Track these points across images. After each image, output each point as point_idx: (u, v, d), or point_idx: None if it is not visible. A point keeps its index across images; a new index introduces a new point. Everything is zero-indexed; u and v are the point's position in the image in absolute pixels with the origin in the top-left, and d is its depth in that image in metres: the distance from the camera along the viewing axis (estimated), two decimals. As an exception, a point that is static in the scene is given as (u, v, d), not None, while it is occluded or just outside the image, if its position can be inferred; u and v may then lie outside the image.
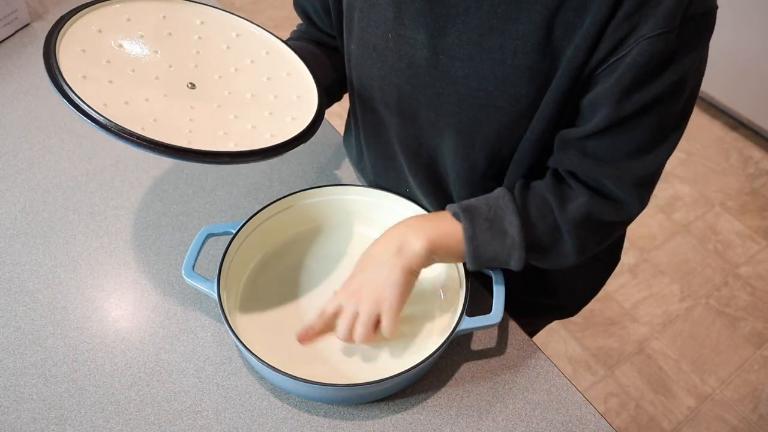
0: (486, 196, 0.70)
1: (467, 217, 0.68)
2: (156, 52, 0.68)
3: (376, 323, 0.67)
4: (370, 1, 0.68)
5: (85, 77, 0.61)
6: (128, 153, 0.95)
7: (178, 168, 0.93)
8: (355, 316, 0.67)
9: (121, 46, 0.66)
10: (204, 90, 0.68)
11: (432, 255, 0.68)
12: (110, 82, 0.63)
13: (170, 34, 0.70)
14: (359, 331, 0.67)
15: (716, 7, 0.58)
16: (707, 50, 0.61)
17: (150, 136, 0.57)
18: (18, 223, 0.85)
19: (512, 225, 0.67)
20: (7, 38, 1.12)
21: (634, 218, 0.70)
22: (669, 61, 0.57)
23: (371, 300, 0.66)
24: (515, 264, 0.69)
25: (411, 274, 0.67)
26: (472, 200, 0.70)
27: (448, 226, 0.69)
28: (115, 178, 0.92)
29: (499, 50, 0.62)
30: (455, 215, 0.69)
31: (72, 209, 0.87)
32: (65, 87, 0.59)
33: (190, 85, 0.67)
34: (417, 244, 0.67)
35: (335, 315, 0.69)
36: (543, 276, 0.87)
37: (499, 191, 0.70)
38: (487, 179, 0.74)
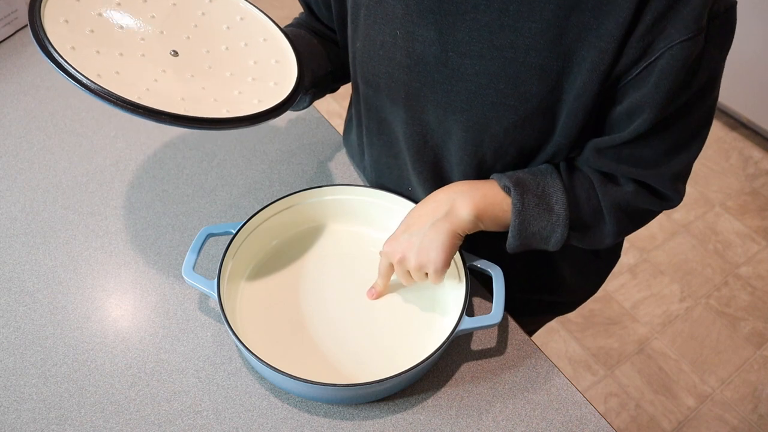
0: (532, 170, 0.71)
1: (518, 191, 0.68)
2: (153, 17, 0.68)
3: (424, 277, 0.72)
4: None
5: (66, 21, 0.62)
6: (128, 153, 0.95)
7: (178, 168, 0.94)
8: (406, 273, 0.73)
9: (119, 4, 0.66)
10: (185, 59, 0.68)
11: (478, 222, 0.70)
12: (91, 31, 0.63)
13: (175, 4, 0.70)
14: (403, 280, 0.74)
15: (736, 2, 0.59)
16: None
17: (99, 83, 0.57)
18: (18, 223, 0.85)
19: (559, 202, 0.68)
20: (7, 38, 1.12)
21: (673, 208, 0.72)
22: (700, 61, 0.58)
23: (418, 262, 0.70)
24: (555, 242, 0.70)
25: (457, 238, 0.70)
26: (519, 173, 0.70)
27: (495, 196, 0.70)
28: (115, 178, 0.92)
29: (511, 48, 0.62)
30: (505, 189, 0.70)
31: (72, 209, 0.87)
32: (38, 25, 0.59)
33: (172, 53, 0.67)
34: (465, 211, 0.69)
35: (390, 268, 0.74)
36: (545, 274, 0.87)
37: (546, 167, 0.70)
38: None
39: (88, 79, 0.57)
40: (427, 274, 0.71)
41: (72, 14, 0.63)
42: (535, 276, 0.87)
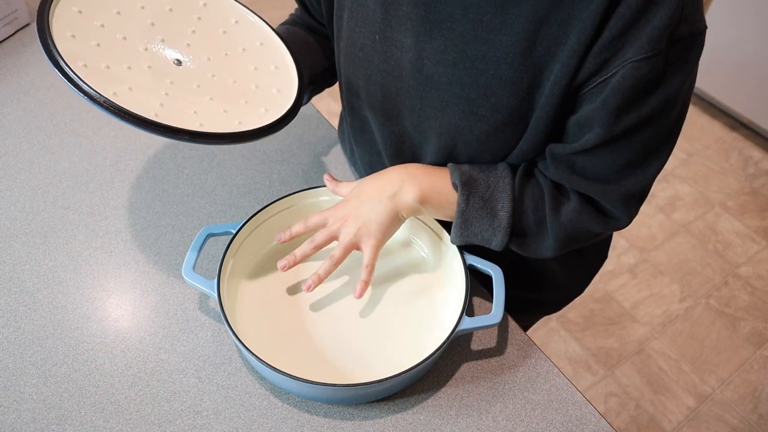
0: (488, 169, 0.71)
1: (465, 191, 0.69)
2: (152, 24, 0.68)
3: (351, 249, 0.72)
4: (359, 1, 0.68)
5: (73, 36, 0.62)
6: (128, 153, 0.95)
7: (178, 168, 0.94)
8: (334, 236, 0.72)
9: (119, 13, 0.67)
10: (189, 69, 0.68)
11: (421, 207, 0.72)
12: (98, 45, 0.64)
13: (171, 10, 0.70)
14: (337, 252, 0.72)
15: (705, 28, 0.58)
16: (696, 68, 0.61)
17: (118, 103, 0.58)
18: (18, 223, 0.85)
19: (504, 209, 0.69)
20: (7, 38, 1.12)
21: (621, 229, 0.71)
22: (656, 83, 0.57)
23: (355, 228, 0.71)
24: (496, 244, 0.71)
25: (398, 219, 0.73)
26: (474, 171, 0.70)
27: (443, 186, 0.71)
28: (115, 178, 0.92)
29: (482, 59, 0.62)
30: (454, 185, 0.70)
31: (72, 209, 0.87)
32: (48, 41, 0.59)
33: (176, 62, 0.68)
34: (410, 195, 0.71)
35: (318, 226, 0.74)
36: (532, 272, 0.88)
37: (502, 170, 0.70)
38: None
39: (109, 101, 0.57)
40: (354, 248, 0.72)
41: (77, 28, 0.63)
42: (525, 274, 0.87)
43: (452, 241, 0.73)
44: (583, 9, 0.56)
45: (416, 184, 0.71)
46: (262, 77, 0.71)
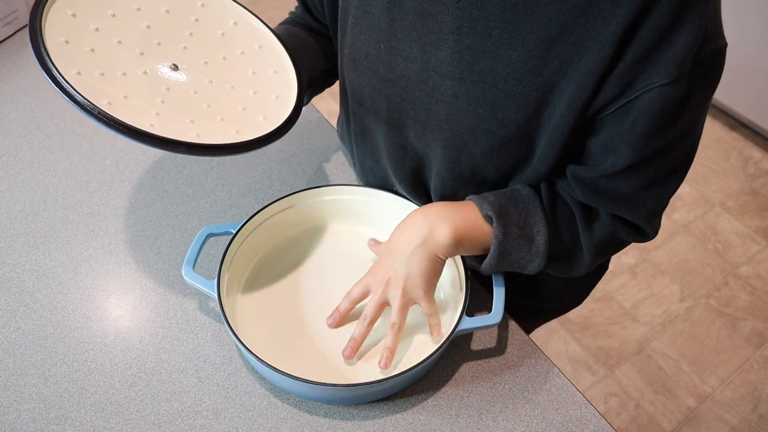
0: (512, 195, 0.69)
1: (501, 222, 0.67)
2: (148, 27, 0.66)
3: (407, 307, 0.69)
4: (364, 8, 0.67)
5: (67, 42, 0.60)
6: (128, 153, 0.95)
7: (178, 168, 0.93)
8: (384, 303, 0.69)
9: (114, 15, 0.65)
10: (186, 74, 0.67)
11: (458, 247, 0.69)
12: (92, 50, 0.62)
13: (168, 11, 0.68)
14: (396, 319, 0.69)
15: (726, 45, 0.57)
16: (717, 83, 0.60)
17: (112, 114, 0.56)
18: (18, 223, 0.85)
19: (540, 234, 0.67)
20: (7, 38, 1.12)
21: (649, 241, 0.71)
22: (682, 105, 0.57)
23: (401, 289, 0.68)
24: (532, 269, 0.70)
25: (438, 262, 0.69)
26: (502, 200, 0.68)
27: (475, 220, 0.68)
28: (115, 178, 0.92)
29: (491, 74, 0.61)
30: (487, 218, 0.68)
31: (72, 209, 0.87)
32: (41, 49, 0.57)
33: (172, 67, 0.66)
34: (443, 235, 0.67)
35: (362, 297, 0.71)
36: (534, 280, 0.87)
37: (528, 193, 0.68)
38: (470, 192, 0.74)
39: (103, 111, 0.56)
40: (414, 303, 0.70)
41: (71, 33, 0.61)
42: (525, 281, 0.87)
43: (484, 271, 0.71)
44: (601, 30, 0.55)
45: (448, 223, 0.68)
46: (261, 82, 0.70)
